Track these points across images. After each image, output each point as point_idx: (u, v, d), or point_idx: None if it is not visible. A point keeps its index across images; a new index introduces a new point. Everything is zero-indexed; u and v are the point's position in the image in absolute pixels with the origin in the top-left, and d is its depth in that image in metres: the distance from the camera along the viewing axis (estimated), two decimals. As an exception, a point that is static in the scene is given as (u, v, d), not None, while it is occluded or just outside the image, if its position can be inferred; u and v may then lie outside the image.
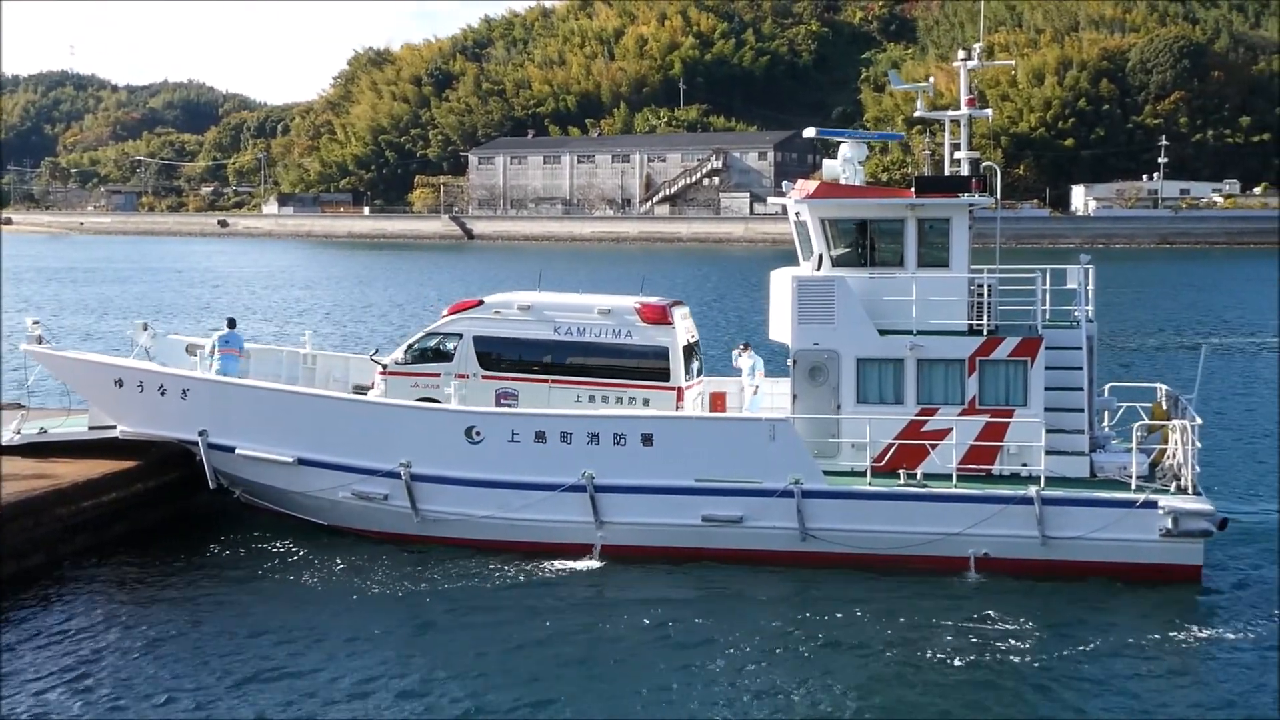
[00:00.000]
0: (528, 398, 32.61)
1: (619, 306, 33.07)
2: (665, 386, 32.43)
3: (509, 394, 32.82)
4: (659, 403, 32.22)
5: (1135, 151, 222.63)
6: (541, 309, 33.29)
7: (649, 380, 32.49)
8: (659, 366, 32.52)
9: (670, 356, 32.54)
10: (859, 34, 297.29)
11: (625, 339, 32.73)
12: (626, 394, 32.53)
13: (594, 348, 32.86)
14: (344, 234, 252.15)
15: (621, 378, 32.67)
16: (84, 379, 34.58)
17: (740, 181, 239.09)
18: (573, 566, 30.03)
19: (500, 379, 33.03)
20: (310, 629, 26.27)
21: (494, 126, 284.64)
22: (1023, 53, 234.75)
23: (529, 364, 33.09)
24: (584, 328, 32.91)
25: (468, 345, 33.23)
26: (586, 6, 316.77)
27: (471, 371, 33.11)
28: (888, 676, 24.03)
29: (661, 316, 32.73)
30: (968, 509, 29.21)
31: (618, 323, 32.79)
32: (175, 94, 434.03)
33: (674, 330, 32.72)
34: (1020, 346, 30.53)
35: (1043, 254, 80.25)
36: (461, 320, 33.55)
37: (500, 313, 33.34)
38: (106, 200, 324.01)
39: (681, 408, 32.34)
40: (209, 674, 24.01)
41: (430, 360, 33.44)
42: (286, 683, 23.71)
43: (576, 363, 32.86)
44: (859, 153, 33.39)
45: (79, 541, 30.68)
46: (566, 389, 32.68)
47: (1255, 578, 29.52)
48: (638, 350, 32.67)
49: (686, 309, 34.38)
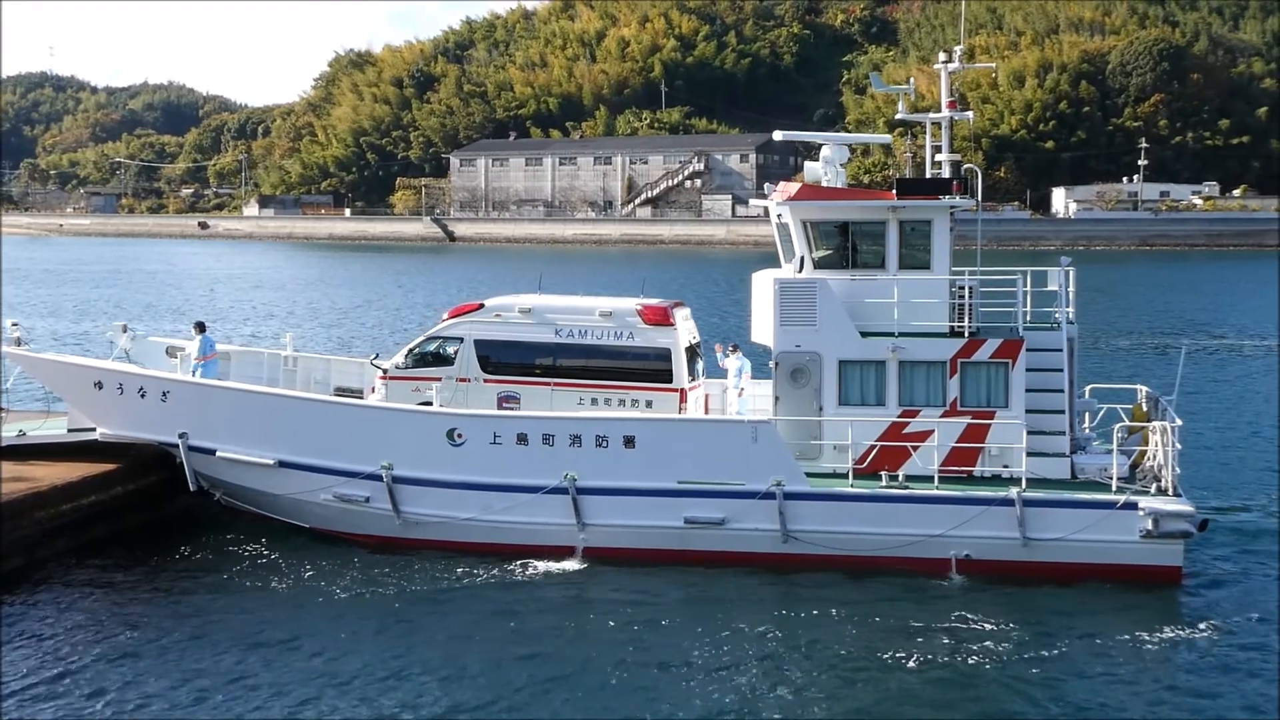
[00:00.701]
0: (530, 401, 32.58)
1: (620, 308, 33.07)
2: (668, 388, 32.44)
3: (511, 397, 32.80)
4: (662, 404, 32.23)
5: (1115, 154, 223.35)
6: (542, 312, 33.26)
7: (651, 382, 32.50)
8: (661, 368, 32.52)
9: (672, 358, 32.55)
10: (840, 36, 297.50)
11: (627, 341, 32.72)
12: (629, 396, 32.52)
13: (596, 350, 32.86)
14: (325, 236, 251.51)
15: (624, 380, 32.66)
16: (63, 381, 34.44)
17: (722, 184, 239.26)
18: (555, 568, 30.01)
19: (502, 382, 32.98)
20: (291, 631, 26.20)
21: (475, 128, 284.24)
22: (1003, 55, 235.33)
23: (531, 367, 33.05)
24: (585, 330, 32.90)
25: (469, 349, 33.18)
26: (568, 9, 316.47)
27: (473, 375, 33.08)
28: (869, 678, 24.05)
29: (663, 318, 32.74)
30: (949, 511, 29.27)
31: (619, 325, 32.79)
32: (155, 95, 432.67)
33: (676, 332, 32.75)
34: (1001, 348, 30.60)
35: (1024, 256, 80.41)
36: (462, 324, 33.50)
37: (501, 316, 33.31)
38: (86, 202, 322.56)
39: (685, 409, 32.34)
40: (186, 678, 23.92)
41: (431, 364, 33.39)
42: (267, 685, 23.65)
43: (578, 365, 32.84)
44: (840, 155, 33.44)
45: (58, 545, 30.56)
46: (569, 391, 32.66)
47: (1235, 578, 29.64)
48: (640, 352, 32.68)
49: (688, 310, 34.42)
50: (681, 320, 33.39)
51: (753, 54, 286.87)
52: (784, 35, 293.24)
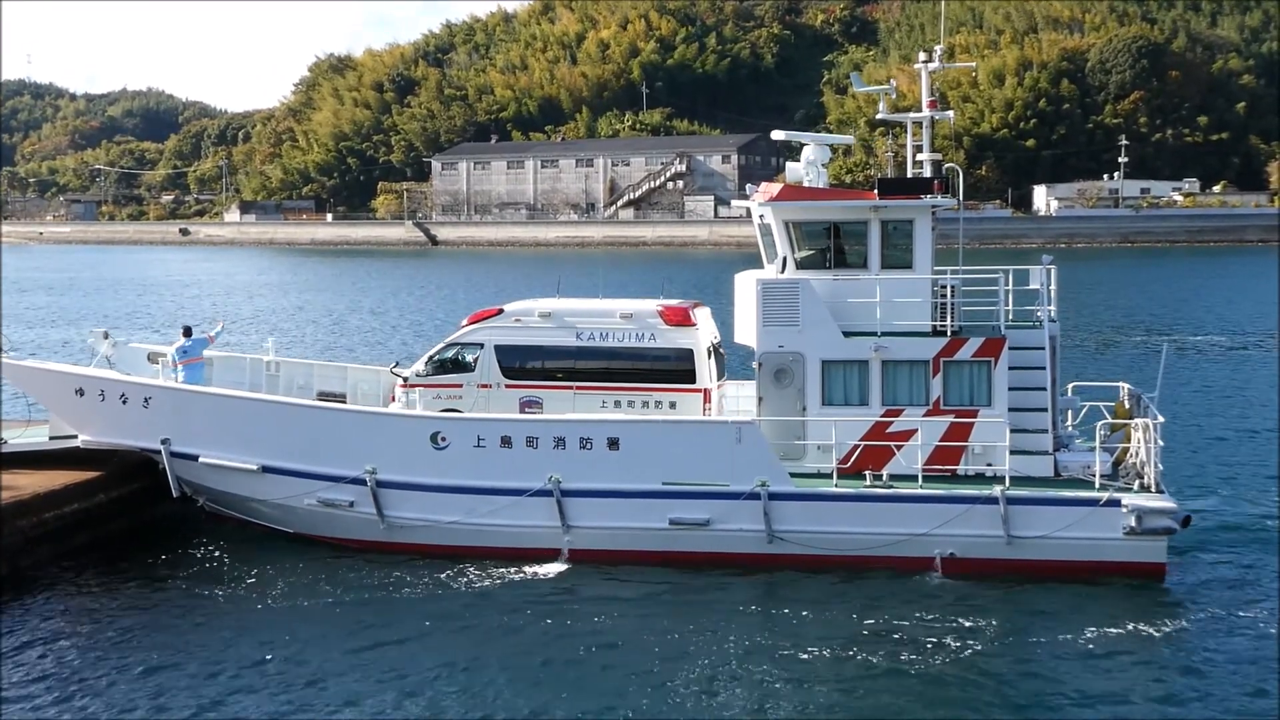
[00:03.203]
0: (552, 405, 32.56)
1: (641, 310, 33.10)
2: (691, 388, 32.45)
3: (533, 402, 32.79)
4: (685, 405, 32.26)
5: (1096, 151, 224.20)
6: (562, 315, 33.25)
7: (674, 383, 32.50)
8: (684, 368, 32.53)
9: (695, 358, 32.55)
10: (821, 37, 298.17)
11: (648, 342, 32.72)
12: (652, 398, 32.53)
13: (617, 352, 32.84)
14: (307, 241, 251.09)
15: (646, 381, 32.66)
16: (45, 388, 34.29)
17: (704, 185, 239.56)
18: (540, 571, 29.97)
19: (524, 387, 32.97)
20: (275, 636, 26.12)
21: (457, 132, 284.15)
22: (983, 54, 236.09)
23: (552, 371, 33.01)
24: (606, 332, 32.90)
25: (489, 354, 33.14)
26: (548, 11, 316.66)
27: (494, 381, 33.04)
28: (854, 677, 24.06)
29: (684, 318, 32.78)
30: (933, 509, 29.31)
31: (640, 326, 32.80)
32: (134, 102, 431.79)
33: (697, 332, 32.79)
34: (984, 347, 30.65)
35: (1005, 255, 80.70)
36: (482, 330, 33.47)
37: (521, 320, 33.28)
38: (66, 210, 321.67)
39: (709, 410, 32.35)
40: (170, 684, 23.85)
41: (451, 371, 33.35)
42: (252, 691, 23.59)
43: (600, 368, 32.83)
44: (822, 155, 33.48)
45: (41, 553, 30.41)
46: (591, 395, 32.65)
47: (1218, 575, 29.72)
48: (662, 353, 32.68)
49: (708, 310, 34.45)
50: (703, 320, 33.46)
51: (733, 55, 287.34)
52: (764, 36, 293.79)
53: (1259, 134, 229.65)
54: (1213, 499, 35.82)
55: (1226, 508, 34.97)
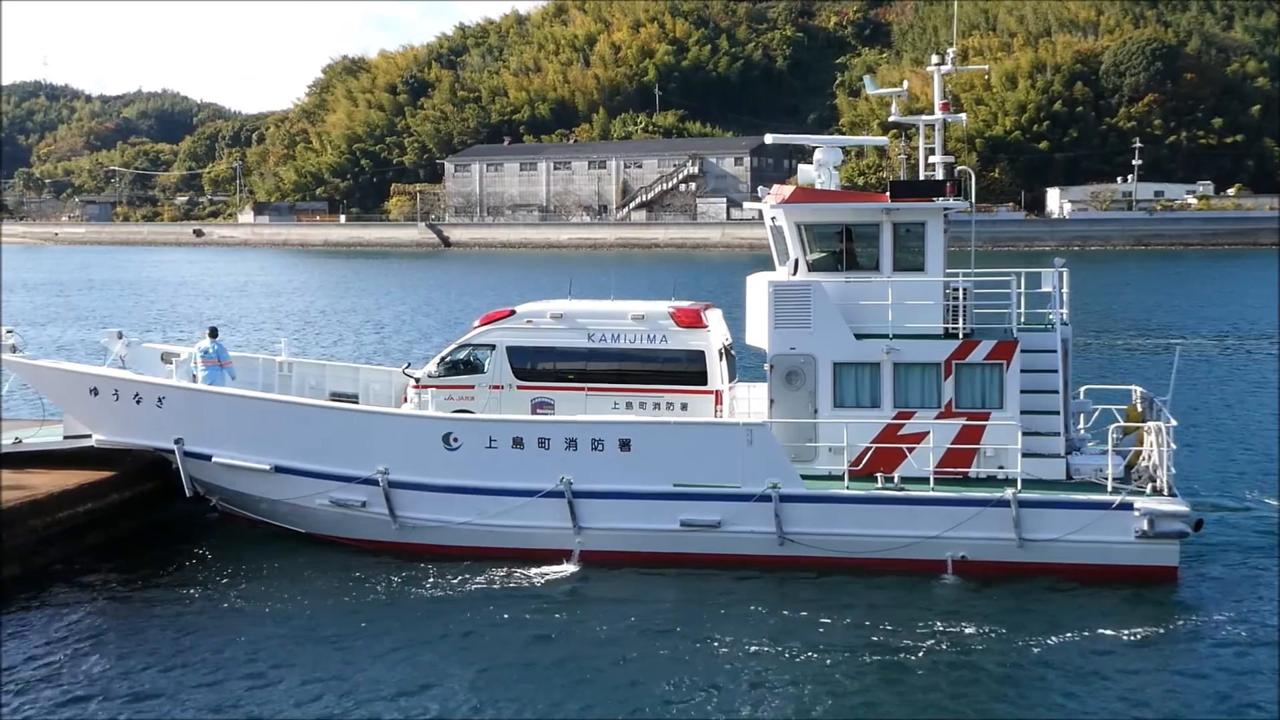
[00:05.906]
0: (564, 406, 32.67)
1: (652, 311, 33.20)
2: (702, 390, 32.51)
3: (545, 403, 32.91)
4: (697, 407, 32.33)
5: (1109, 154, 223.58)
6: (574, 317, 33.36)
7: (686, 384, 32.58)
8: (696, 370, 32.61)
9: (706, 360, 32.62)
10: (834, 39, 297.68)
11: (660, 344, 32.83)
12: (664, 399, 32.64)
13: (629, 354, 32.98)
14: (320, 242, 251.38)
15: (658, 383, 32.75)
16: (59, 388, 34.42)
17: (716, 187, 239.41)
18: (551, 572, 30.00)
19: (536, 389, 33.03)
20: (286, 636, 26.20)
21: (470, 134, 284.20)
22: (996, 56, 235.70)
23: (564, 372, 33.14)
24: (618, 334, 33.01)
25: (501, 356, 33.27)
26: (561, 13, 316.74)
27: (506, 382, 33.18)
28: (865, 679, 24.06)
29: (696, 320, 32.87)
30: (945, 512, 29.29)
31: (652, 328, 32.91)
32: (149, 103, 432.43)
33: (709, 333, 32.87)
34: (996, 350, 30.63)
35: (1018, 257, 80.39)
36: (494, 331, 33.59)
37: (533, 322, 33.41)
38: (81, 210, 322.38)
39: (720, 411, 32.37)
40: (182, 684, 23.92)
41: (463, 372, 33.48)
42: (264, 691, 23.65)
43: (612, 369, 32.93)
44: (834, 157, 33.51)
45: (54, 552, 30.55)
46: (603, 396, 32.74)
47: (1231, 578, 29.64)
48: (673, 355, 32.78)
49: (719, 312, 34.53)
50: (714, 322, 33.53)
51: (746, 57, 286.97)
52: (777, 38, 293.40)
53: (1273, 137, 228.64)
54: (1226, 502, 35.73)
55: (1240, 511, 34.87)
